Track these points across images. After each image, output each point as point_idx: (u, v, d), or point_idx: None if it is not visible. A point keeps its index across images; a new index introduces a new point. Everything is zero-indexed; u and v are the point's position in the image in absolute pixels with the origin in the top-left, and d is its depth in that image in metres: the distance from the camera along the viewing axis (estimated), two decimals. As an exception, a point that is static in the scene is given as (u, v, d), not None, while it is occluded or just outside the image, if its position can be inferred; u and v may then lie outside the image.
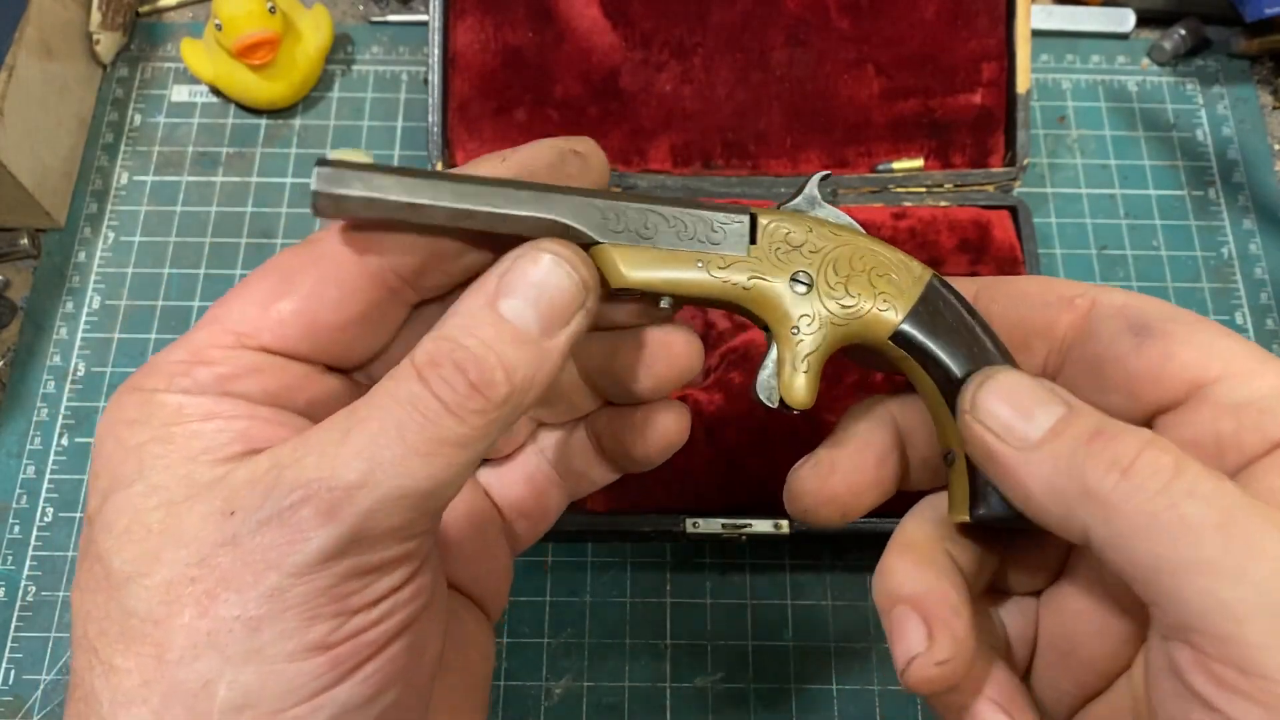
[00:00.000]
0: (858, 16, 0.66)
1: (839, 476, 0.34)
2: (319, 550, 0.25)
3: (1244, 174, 0.72)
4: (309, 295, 0.29)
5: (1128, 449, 0.26)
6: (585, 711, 0.57)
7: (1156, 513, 0.25)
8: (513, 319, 0.27)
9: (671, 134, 0.67)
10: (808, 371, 0.33)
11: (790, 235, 0.32)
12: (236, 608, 0.25)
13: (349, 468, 0.25)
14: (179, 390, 0.28)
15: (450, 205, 0.29)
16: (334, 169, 0.28)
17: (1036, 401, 0.29)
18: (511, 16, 0.66)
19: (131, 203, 0.70)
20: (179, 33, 0.75)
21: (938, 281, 0.33)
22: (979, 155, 0.67)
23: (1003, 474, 0.29)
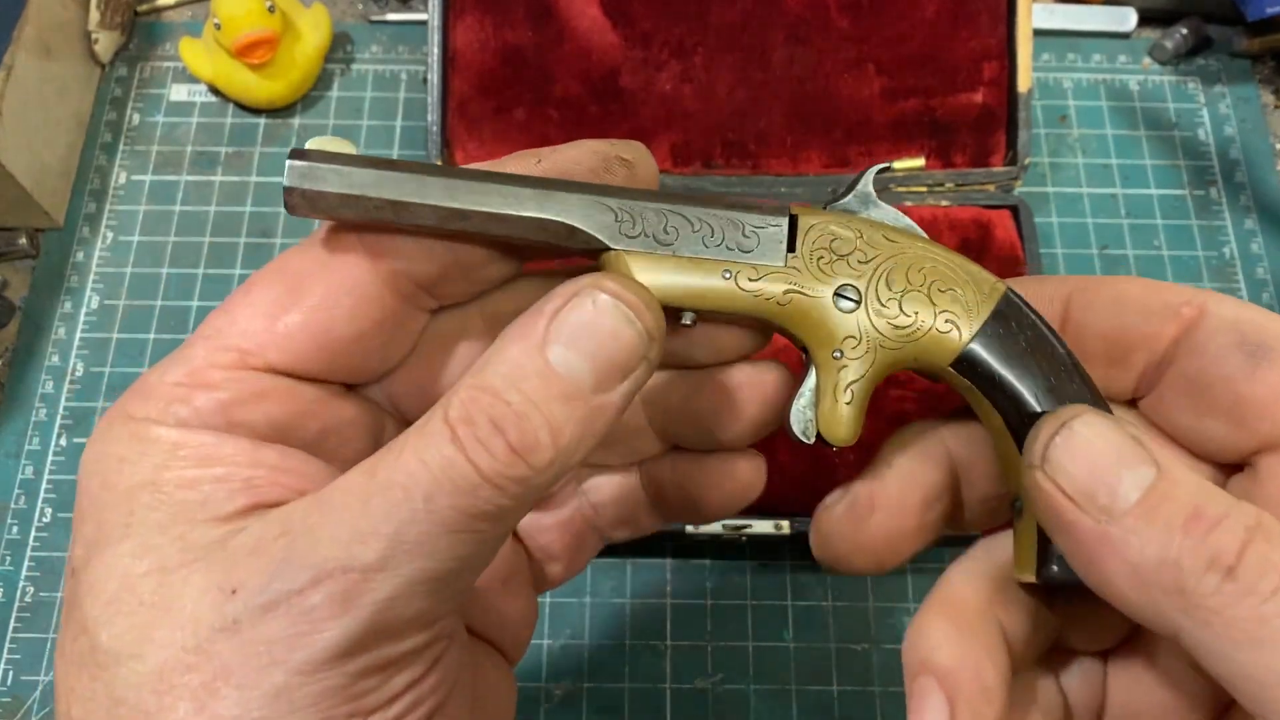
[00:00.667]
0: (858, 15, 0.66)
1: (878, 521, 0.29)
2: (332, 645, 0.22)
3: (1246, 173, 0.72)
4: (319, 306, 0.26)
5: (1231, 540, 0.22)
6: (585, 712, 0.57)
7: (1268, 619, 0.21)
8: (563, 371, 0.23)
9: (672, 133, 0.67)
10: (851, 402, 0.28)
11: (836, 242, 0.28)
12: (237, 707, 0.22)
13: (368, 547, 0.22)
14: (176, 422, 0.25)
15: (440, 204, 0.25)
16: (308, 162, 0.25)
17: (1122, 461, 0.24)
18: (511, 16, 0.66)
19: (130, 202, 0.70)
20: (178, 32, 0.75)
21: (1013, 296, 0.28)
22: (980, 155, 0.67)
23: (1077, 549, 0.24)
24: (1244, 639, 0.22)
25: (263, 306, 0.26)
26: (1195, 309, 0.27)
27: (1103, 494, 0.23)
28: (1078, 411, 0.25)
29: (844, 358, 0.28)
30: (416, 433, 0.23)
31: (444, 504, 0.22)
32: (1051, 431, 0.25)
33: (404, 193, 0.25)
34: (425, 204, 0.25)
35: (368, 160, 0.26)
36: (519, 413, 0.23)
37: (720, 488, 0.32)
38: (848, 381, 0.28)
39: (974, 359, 0.27)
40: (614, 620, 0.59)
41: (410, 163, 0.26)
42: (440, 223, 0.26)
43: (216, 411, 0.25)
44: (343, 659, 0.22)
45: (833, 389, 0.28)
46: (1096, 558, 0.23)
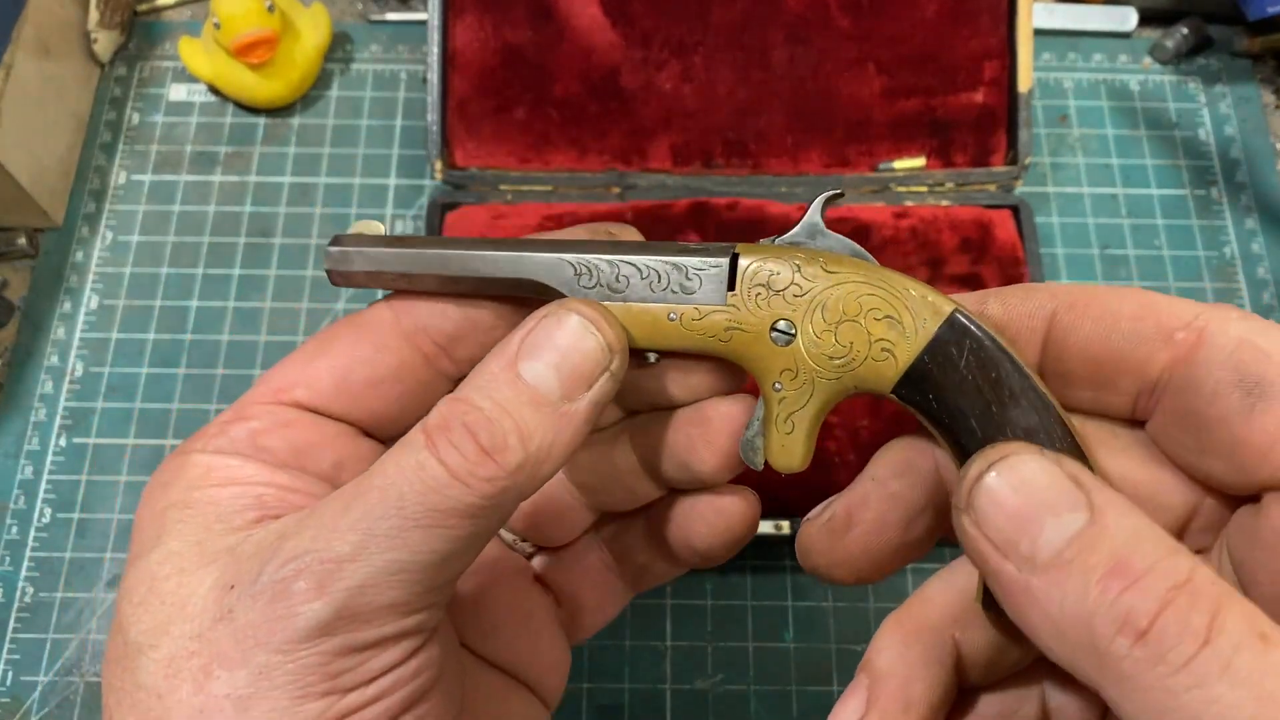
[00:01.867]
0: (859, 15, 0.65)
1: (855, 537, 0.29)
2: (307, 626, 0.24)
3: (1246, 173, 0.72)
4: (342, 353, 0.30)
5: (1145, 602, 0.20)
6: (585, 713, 0.57)
7: (1178, 692, 0.20)
8: (531, 381, 0.26)
9: (672, 133, 0.67)
10: (792, 431, 0.29)
11: (773, 277, 0.29)
12: (227, 685, 0.24)
13: (343, 540, 0.24)
14: (212, 450, 0.28)
15: (436, 273, 0.30)
16: (341, 248, 0.31)
17: (1050, 507, 0.22)
18: (511, 15, 0.66)
19: (129, 202, 0.70)
20: (177, 31, 0.75)
21: (959, 319, 0.27)
22: (980, 154, 0.67)
23: (1003, 595, 0.23)
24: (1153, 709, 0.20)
25: (301, 356, 0.31)
26: (1194, 334, 0.25)
27: (1025, 543, 0.22)
28: (1006, 452, 0.23)
29: (783, 389, 0.29)
30: (400, 444, 0.26)
31: (414, 500, 0.24)
32: (978, 474, 0.23)
33: (410, 266, 0.30)
34: (427, 273, 0.30)
35: (386, 240, 0.31)
36: (489, 417, 0.25)
37: (710, 524, 0.33)
38: (789, 412, 0.29)
39: (914, 385, 0.28)
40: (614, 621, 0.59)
41: (418, 238, 0.31)
42: (441, 287, 0.31)
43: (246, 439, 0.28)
44: (317, 639, 0.24)
45: (775, 420, 0.29)
46: (1019, 606, 0.23)
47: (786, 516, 0.56)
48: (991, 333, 0.27)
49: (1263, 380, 0.24)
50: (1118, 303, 0.27)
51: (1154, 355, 0.26)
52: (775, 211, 0.65)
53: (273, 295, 0.67)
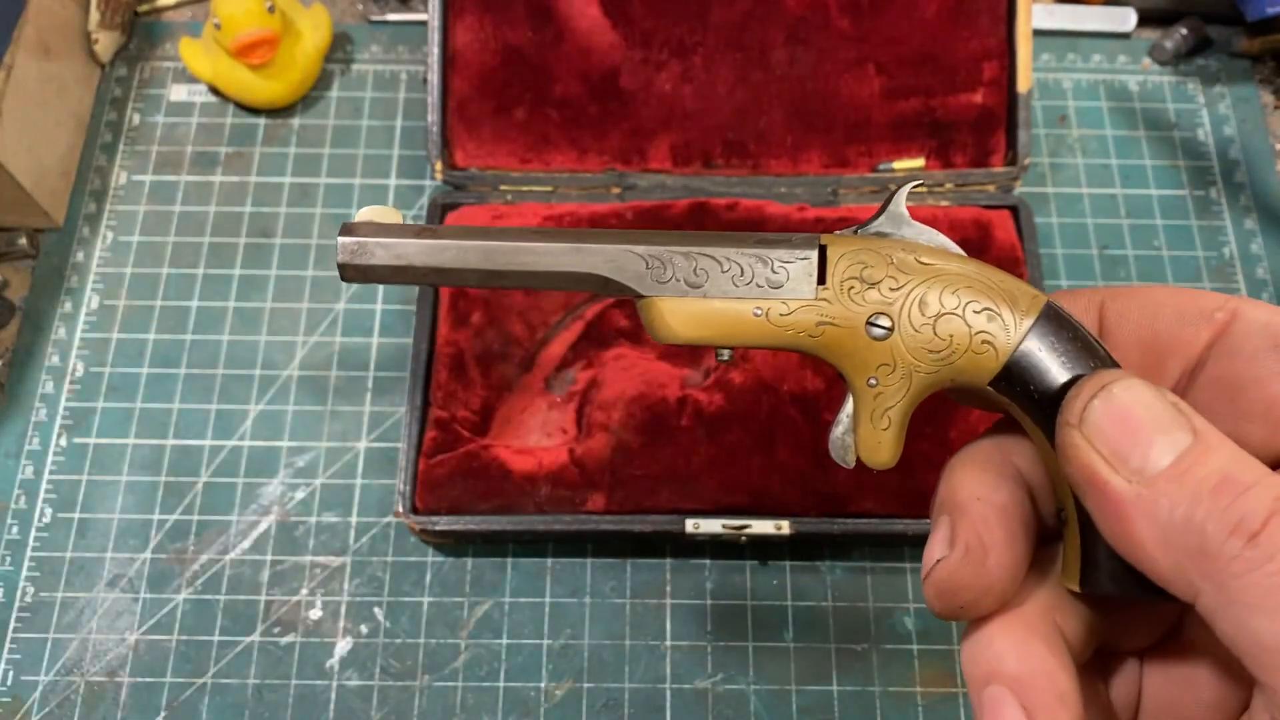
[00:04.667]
0: (858, 16, 0.66)
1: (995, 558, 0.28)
2: None
3: (1245, 174, 0.72)
4: None
5: (1258, 507, 0.22)
6: (585, 712, 0.57)
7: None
8: None
9: (672, 133, 0.67)
10: (889, 427, 0.28)
11: (866, 270, 0.28)
12: None
13: None
14: None
15: (479, 268, 0.27)
16: (357, 239, 0.27)
17: (1159, 425, 0.24)
18: (511, 15, 0.66)
19: (130, 202, 0.70)
20: (178, 32, 0.75)
21: (1053, 309, 0.28)
22: (980, 155, 0.67)
23: (1106, 509, 0.24)
24: (1257, 604, 0.22)
25: None
26: (1228, 313, 0.27)
27: (1136, 456, 0.24)
28: (1118, 375, 0.25)
29: (879, 385, 0.28)
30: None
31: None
32: (1091, 393, 0.25)
33: (446, 260, 0.27)
34: (466, 269, 0.28)
35: (412, 229, 0.28)
36: None
37: None
38: (885, 408, 0.28)
39: (1012, 377, 0.27)
40: (614, 620, 0.59)
41: (453, 228, 0.29)
42: (481, 283, 0.28)
43: None
44: None
45: (869, 415, 0.28)
46: (1124, 518, 0.24)
47: (786, 516, 0.56)
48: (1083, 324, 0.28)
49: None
50: (1158, 293, 0.29)
51: (1198, 333, 0.27)
52: (775, 212, 0.65)
53: (273, 295, 0.67)
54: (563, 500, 0.58)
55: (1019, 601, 0.28)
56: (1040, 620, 0.28)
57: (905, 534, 0.57)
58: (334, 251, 0.28)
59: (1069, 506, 0.27)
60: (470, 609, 0.59)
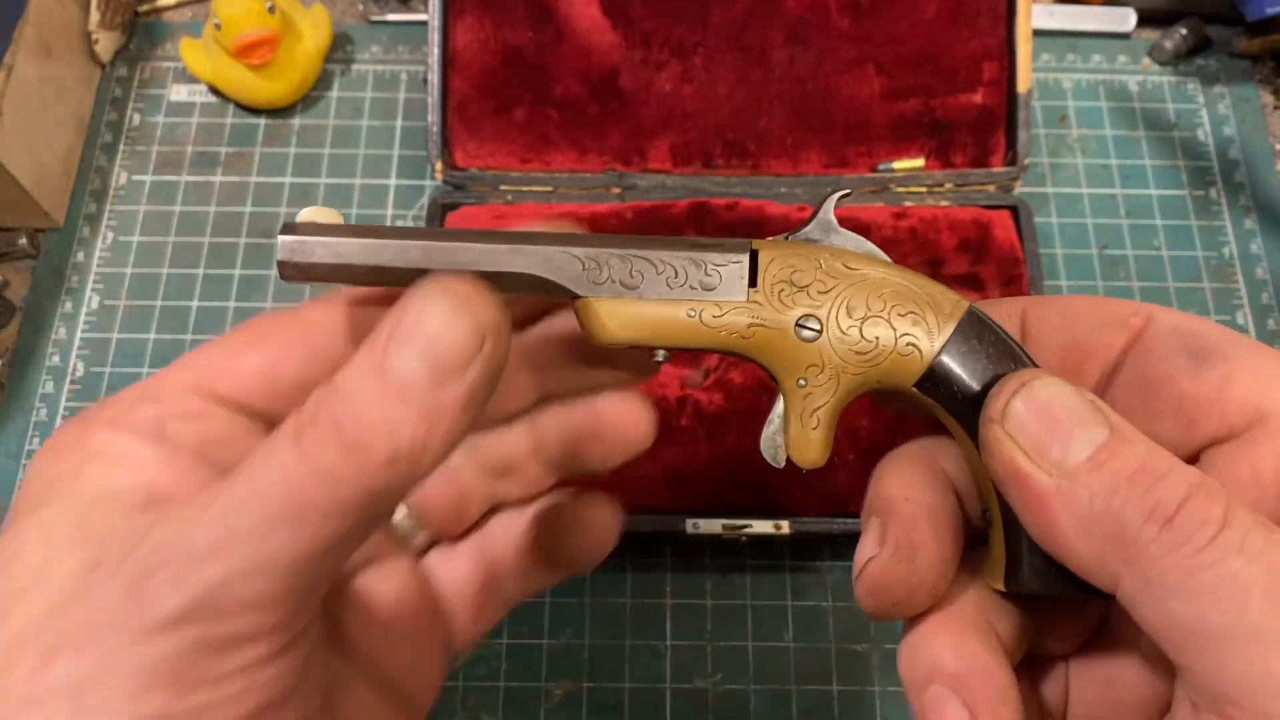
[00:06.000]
0: (858, 16, 0.66)
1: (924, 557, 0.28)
2: (160, 617, 0.23)
3: (1245, 174, 0.72)
4: (275, 350, 0.28)
5: (1173, 493, 0.23)
6: (585, 712, 0.57)
7: (1199, 569, 0.23)
8: (398, 371, 0.24)
9: (671, 133, 0.67)
10: (817, 427, 0.29)
11: (796, 274, 0.29)
12: (70, 666, 0.23)
13: (205, 531, 0.23)
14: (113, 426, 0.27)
15: (417, 267, 0.27)
16: (297, 237, 0.27)
17: (1078, 420, 0.25)
18: (511, 16, 0.66)
19: (130, 202, 0.70)
20: (178, 32, 0.75)
21: (975, 313, 0.29)
22: (980, 155, 0.67)
23: (1028, 501, 0.25)
24: (1175, 587, 0.23)
25: (228, 345, 0.28)
26: (1142, 318, 0.29)
27: (1056, 449, 0.25)
28: (1038, 374, 0.26)
29: (808, 385, 0.29)
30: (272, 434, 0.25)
31: (276, 497, 0.23)
32: (1013, 390, 0.26)
33: (384, 259, 0.28)
34: (404, 268, 0.28)
35: (353, 229, 0.28)
36: (355, 411, 0.24)
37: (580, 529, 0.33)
38: (813, 408, 0.29)
39: (936, 379, 0.28)
40: (614, 620, 0.59)
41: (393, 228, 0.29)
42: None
43: (153, 423, 0.27)
44: (170, 630, 0.23)
45: (799, 415, 0.29)
46: (1046, 509, 0.25)
47: (786, 516, 0.56)
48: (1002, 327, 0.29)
49: (1206, 345, 0.27)
50: (1075, 302, 0.30)
51: (1115, 339, 0.29)
52: (775, 212, 0.65)
53: (274, 296, 0.67)
54: (563, 500, 0.58)
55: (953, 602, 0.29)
56: (975, 619, 0.28)
57: (905, 534, 0.57)
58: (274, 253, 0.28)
59: (993, 506, 0.28)
60: (470, 609, 0.59)
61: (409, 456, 0.24)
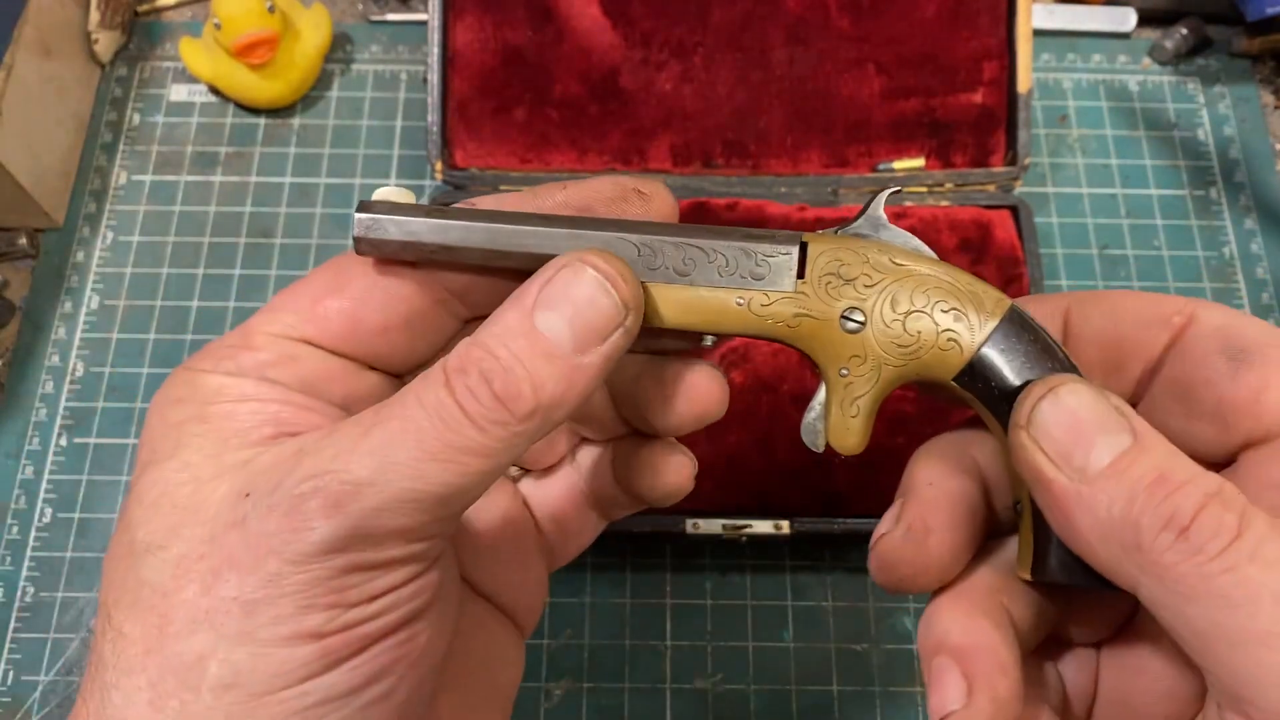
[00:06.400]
0: (858, 16, 0.66)
1: (936, 540, 0.30)
2: (320, 541, 0.25)
3: (1245, 174, 0.72)
4: (356, 296, 0.30)
5: (1188, 503, 0.24)
6: (585, 713, 0.57)
7: (1212, 576, 0.23)
8: (547, 333, 0.27)
9: (671, 133, 0.67)
10: (857, 415, 0.30)
11: (843, 267, 0.30)
12: (235, 588, 0.25)
13: (361, 464, 0.25)
14: (222, 372, 0.29)
15: (483, 247, 0.29)
16: (373, 215, 0.29)
17: (1101, 427, 0.26)
18: (511, 16, 0.66)
19: (130, 202, 0.70)
20: (178, 32, 0.75)
21: (1016, 312, 0.29)
22: (980, 155, 0.67)
23: (1052, 504, 0.26)
24: (1190, 594, 0.24)
25: (311, 290, 0.30)
26: (1185, 317, 0.29)
27: (1078, 455, 0.26)
28: (1065, 380, 0.27)
29: (850, 375, 0.30)
30: (420, 380, 0.27)
31: (432, 436, 0.25)
32: (1039, 395, 0.27)
33: (452, 238, 0.29)
34: (471, 247, 0.29)
35: (424, 209, 0.29)
36: (505, 366, 0.26)
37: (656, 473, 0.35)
38: (854, 396, 0.30)
39: (975, 374, 0.29)
40: (614, 620, 0.59)
41: (461, 210, 0.30)
42: (485, 261, 0.30)
43: (256, 367, 0.29)
44: (330, 554, 0.25)
45: (840, 403, 0.30)
46: (1068, 513, 0.26)
47: (786, 516, 0.56)
48: (1042, 327, 0.29)
49: (1245, 348, 0.28)
50: (1120, 298, 0.31)
51: (1157, 337, 0.29)
52: (775, 212, 0.65)
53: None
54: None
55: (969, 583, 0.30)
56: (987, 600, 0.30)
57: (905, 534, 0.57)
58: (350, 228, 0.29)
59: (1024, 499, 0.29)
60: (470, 609, 0.59)
61: (547, 409, 0.26)
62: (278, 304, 0.30)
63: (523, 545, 0.37)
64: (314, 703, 0.26)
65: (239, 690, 0.25)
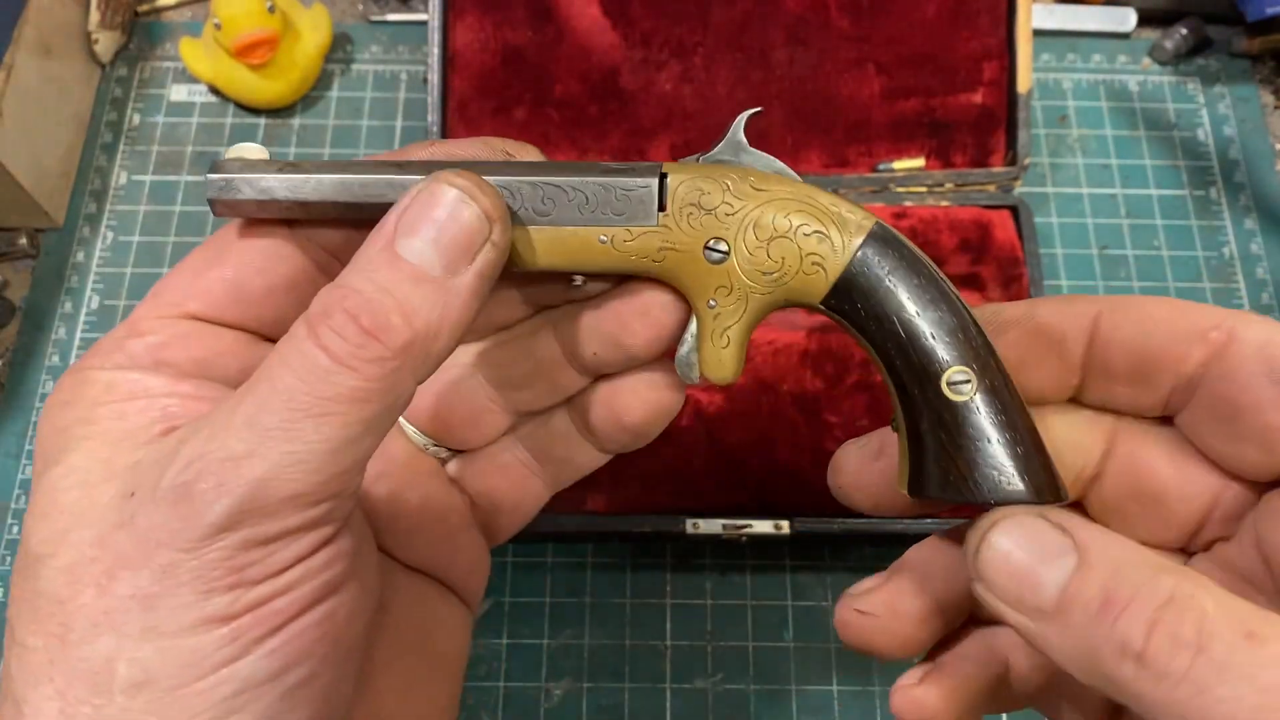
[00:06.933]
0: (858, 16, 0.66)
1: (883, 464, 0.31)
2: (209, 524, 0.24)
3: (1245, 174, 0.72)
4: (236, 263, 0.29)
5: (1135, 627, 0.23)
6: (585, 712, 0.57)
7: (1185, 701, 0.22)
8: (410, 258, 0.25)
9: (671, 133, 0.67)
10: (728, 345, 0.30)
11: (704, 196, 0.29)
12: (131, 586, 0.24)
13: (236, 437, 0.24)
14: (111, 366, 0.28)
15: (337, 200, 0.28)
16: (225, 176, 0.28)
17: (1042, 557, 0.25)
18: (511, 16, 0.66)
19: (130, 202, 0.70)
20: (178, 32, 0.75)
21: (880, 231, 0.29)
22: (980, 155, 0.67)
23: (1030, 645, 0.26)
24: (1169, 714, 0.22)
25: (190, 268, 0.29)
26: (1224, 333, 0.28)
27: (1029, 596, 0.25)
28: (995, 519, 0.26)
29: (718, 306, 0.29)
30: (283, 339, 0.26)
31: (301, 391, 0.24)
32: (974, 546, 0.26)
33: (306, 193, 0.28)
34: (325, 201, 0.28)
35: (276, 164, 0.29)
36: (370, 298, 0.25)
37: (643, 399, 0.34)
38: (724, 327, 0.30)
39: (842, 295, 0.29)
40: (614, 620, 0.59)
41: (315, 163, 0.29)
42: (342, 214, 0.29)
43: (147, 353, 0.28)
44: (221, 534, 0.24)
45: (710, 336, 0.30)
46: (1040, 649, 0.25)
47: (786, 516, 0.56)
48: (910, 243, 0.29)
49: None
50: (1153, 307, 0.29)
51: (1190, 352, 0.28)
52: (775, 212, 0.65)
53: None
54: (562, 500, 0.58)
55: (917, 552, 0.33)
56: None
57: (905, 534, 0.57)
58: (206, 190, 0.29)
59: (898, 415, 0.29)
60: (470, 609, 0.59)
61: (424, 339, 0.25)
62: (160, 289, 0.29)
63: (452, 524, 0.36)
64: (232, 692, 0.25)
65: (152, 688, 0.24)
